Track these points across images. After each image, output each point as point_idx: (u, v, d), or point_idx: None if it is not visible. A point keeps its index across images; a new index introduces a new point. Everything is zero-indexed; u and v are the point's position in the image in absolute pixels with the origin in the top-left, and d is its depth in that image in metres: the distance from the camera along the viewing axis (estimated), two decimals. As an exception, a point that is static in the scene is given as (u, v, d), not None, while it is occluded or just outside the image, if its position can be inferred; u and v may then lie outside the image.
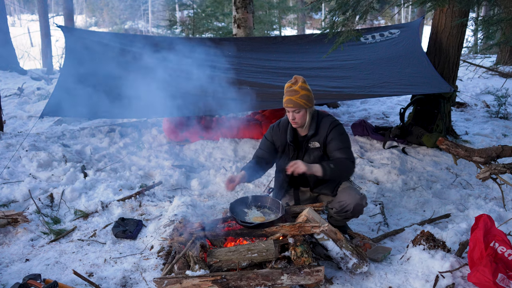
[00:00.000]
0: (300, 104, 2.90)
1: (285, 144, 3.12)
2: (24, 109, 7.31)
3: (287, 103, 2.93)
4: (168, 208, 3.61)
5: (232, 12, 7.76)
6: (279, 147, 3.16)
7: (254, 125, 5.62)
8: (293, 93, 2.90)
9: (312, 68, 5.52)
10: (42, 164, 4.44)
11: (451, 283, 2.58)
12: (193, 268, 2.51)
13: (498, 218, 3.53)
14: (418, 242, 2.84)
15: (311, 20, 26.85)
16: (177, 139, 5.51)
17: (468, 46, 14.02)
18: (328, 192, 3.13)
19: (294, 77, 2.98)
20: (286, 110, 2.99)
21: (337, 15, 4.25)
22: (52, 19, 17.67)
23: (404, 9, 26.26)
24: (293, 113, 2.95)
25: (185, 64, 5.11)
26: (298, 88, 2.90)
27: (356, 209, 3.01)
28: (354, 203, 2.99)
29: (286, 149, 3.14)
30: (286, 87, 2.95)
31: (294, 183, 3.23)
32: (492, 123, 6.52)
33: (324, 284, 2.62)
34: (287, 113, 3.01)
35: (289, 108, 2.94)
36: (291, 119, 2.99)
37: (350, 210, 3.01)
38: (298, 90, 2.89)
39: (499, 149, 3.24)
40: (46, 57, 12.75)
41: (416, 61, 5.29)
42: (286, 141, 3.11)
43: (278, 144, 3.15)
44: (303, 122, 3.00)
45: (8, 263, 2.94)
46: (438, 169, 4.74)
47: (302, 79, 2.95)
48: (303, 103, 2.90)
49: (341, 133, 3.02)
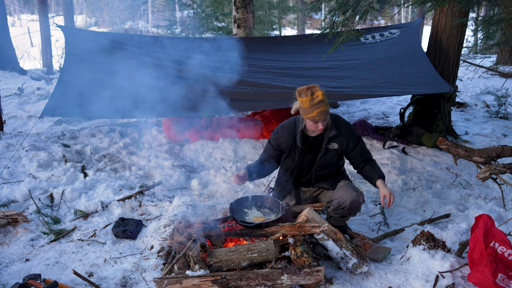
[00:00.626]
0: (328, 111, 2.87)
1: (292, 146, 3.10)
2: (24, 109, 7.31)
3: (319, 115, 2.81)
4: (168, 208, 3.61)
5: (232, 12, 7.76)
6: (285, 149, 3.14)
7: (254, 125, 5.62)
8: (321, 103, 2.79)
9: (312, 68, 5.52)
10: (42, 164, 4.44)
11: (451, 283, 2.58)
12: (193, 268, 2.51)
13: (498, 218, 3.53)
14: (418, 242, 2.84)
15: (311, 20, 26.85)
16: (177, 139, 5.50)
17: (468, 46, 14.01)
18: (328, 186, 3.17)
19: (309, 88, 2.80)
20: (313, 121, 2.87)
21: (337, 15, 4.25)
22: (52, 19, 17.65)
23: (404, 9, 26.26)
24: (323, 122, 2.89)
25: (185, 64, 5.10)
26: (322, 96, 2.79)
27: (353, 206, 3.02)
28: (351, 199, 3.00)
29: (292, 151, 3.12)
30: (308, 100, 2.77)
31: (296, 183, 3.25)
32: (492, 123, 6.52)
33: (324, 284, 2.62)
34: (314, 124, 2.89)
35: (320, 120, 2.85)
36: (319, 128, 2.92)
37: (347, 207, 3.01)
38: (323, 99, 2.80)
39: (499, 149, 3.24)
40: (46, 57, 12.75)
41: (416, 61, 5.28)
42: (293, 143, 3.08)
43: (284, 147, 3.13)
44: (327, 125, 2.99)
45: (8, 263, 2.94)
46: (438, 169, 4.74)
47: (317, 87, 2.83)
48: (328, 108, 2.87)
49: (358, 139, 3.13)
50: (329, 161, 3.11)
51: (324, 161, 3.09)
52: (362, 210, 3.53)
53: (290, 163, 3.15)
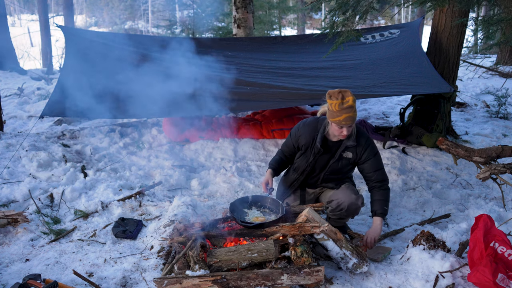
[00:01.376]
0: (355, 118, 2.84)
1: (310, 145, 3.08)
2: (24, 109, 7.31)
3: (346, 120, 2.78)
4: (168, 208, 3.61)
5: (232, 12, 7.76)
6: (302, 146, 3.11)
7: (254, 125, 5.62)
8: (351, 109, 2.77)
9: (312, 68, 5.52)
10: (42, 164, 4.44)
11: (451, 283, 2.58)
12: (193, 268, 2.50)
13: (498, 218, 3.53)
14: (418, 242, 2.84)
15: (311, 20, 26.86)
16: (177, 139, 5.51)
17: (468, 46, 14.00)
18: (332, 186, 3.19)
19: (340, 92, 2.79)
20: (338, 125, 2.84)
21: (337, 15, 4.25)
22: (52, 19, 17.66)
23: (404, 9, 26.26)
24: (348, 128, 2.87)
25: (185, 64, 5.11)
26: (352, 102, 2.77)
27: (350, 208, 3.02)
28: (349, 202, 3.00)
29: (309, 150, 3.10)
30: (338, 104, 2.76)
31: (303, 184, 3.26)
32: (492, 123, 6.52)
33: (324, 284, 2.62)
34: (338, 129, 2.87)
35: (346, 125, 2.83)
36: (343, 134, 2.89)
37: (345, 209, 3.02)
38: (353, 104, 2.77)
39: (499, 149, 3.24)
40: (46, 57, 12.76)
41: (416, 61, 5.28)
42: (311, 142, 3.06)
43: (303, 143, 3.09)
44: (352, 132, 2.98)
45: (8, 263, 2.94)
46: (438, 169, 4.74)
47: (349, 91, 2.81)
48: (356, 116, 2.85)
49: (376, 153, 3.06)
50: (340, 168, 3.10)
51: (335, 167, 3.09)
52: (363, 210, 3.52)
53: (304, 162, 3.13)
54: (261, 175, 4.58)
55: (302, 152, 3.14)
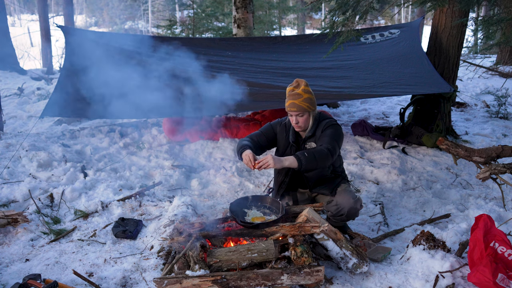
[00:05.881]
0: (304, 107, 2.88)
1: (287, 144, 3.12)
2: (24, 109, 7.31)
3: (290, 107, 2.90)
4: (168, 208, 3.61)
5: (232, 12, 7.76)
6: (280, 146, 3.15)
7: (254, 125, 5.62)
8: (296, 96, 2.88)
9: (312, 68, 5.52)
10: (42, 164, 4.44)
11: (451, 283, 2.58)
12: (193, 268, 2.50)
13: (498, 218, 3.53)
14: (418, 242, 2.84)
15: (311, 20, 26.87)
16: (177, 139, 5.51)
17: (468, 46, 14.01)
18: (327, 192, 3.13)
19: (296, 80, 2.95)
20: (289, 114, 2.96)
21: (337, 15, 4.25)
22: (52, 19, 17.67)
23: (404, 9, 26.27)
24: (297, 117, 2.93)
25: (185, 64, 5.11)
26: (301, 91, 2.87)
27: (350, 213, 3.03)
28: (349, 207, 3.00)
29: (287, 149, 3.13)
30: (289, 91, 2.92)
31: (293, 185, 3.24)
32: (492, 123, 6.52)
33: (324, 284, 2.62)
34: (290, 117, 2.99)
35: (292, 112, 2.92)
36: (295, 123, 2.97)
37: (345, 214, 3.03)
38: (301, 93, 2.87)
39: (499, 149, 3.24)
40: (46, 57, 12.75)
41: (416, 61, 5.29)
42: (289, 141, 3.10)
43: (281, 143, 3.14)
44: (307, 125, 2.99)
45: (8, 263, 2.94)
46: (438, 169, 4.74)
47: (304, 82, 2.92)
48: (306, 106, 2.89)
49: (334, 130, 2.95)
50: None
51: None
52: (362, 210, 3.53)
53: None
54: (261, 175, 4.59)
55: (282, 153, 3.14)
